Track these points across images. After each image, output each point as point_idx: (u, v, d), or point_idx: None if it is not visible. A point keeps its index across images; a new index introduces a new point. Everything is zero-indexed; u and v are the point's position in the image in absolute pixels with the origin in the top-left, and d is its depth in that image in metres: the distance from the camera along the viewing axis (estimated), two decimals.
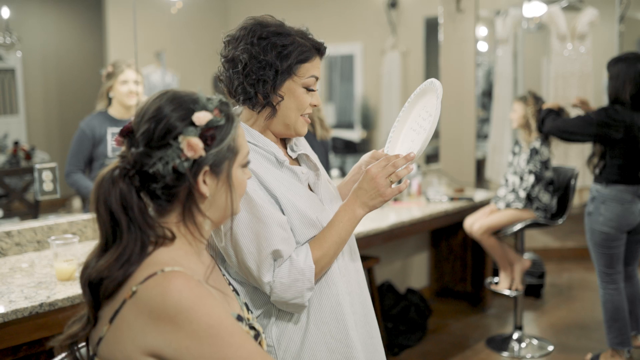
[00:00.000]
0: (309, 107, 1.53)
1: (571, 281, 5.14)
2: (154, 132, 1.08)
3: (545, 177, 3.74)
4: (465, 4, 4.79)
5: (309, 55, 1.49)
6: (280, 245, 1.42)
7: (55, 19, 4.57)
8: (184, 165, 1.08)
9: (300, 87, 1.49)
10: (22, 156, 4.59)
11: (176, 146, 1.08)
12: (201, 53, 5.00)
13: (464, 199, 4.20)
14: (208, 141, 1.09)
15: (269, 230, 1.41)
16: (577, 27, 5.67)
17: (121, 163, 1.10)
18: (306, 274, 1.43)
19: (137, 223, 1.07)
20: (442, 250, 4.67)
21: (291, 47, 1.46)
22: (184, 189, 1.10)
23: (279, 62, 1.45)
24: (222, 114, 1.12)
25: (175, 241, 1.11)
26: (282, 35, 1.47)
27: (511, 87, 5.67)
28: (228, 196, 1.15)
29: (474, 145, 5.00)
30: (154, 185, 1.09)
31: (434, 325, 4.15)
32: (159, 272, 1.03)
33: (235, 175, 1.16)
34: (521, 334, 3.84)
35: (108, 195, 1.07)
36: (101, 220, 1.08)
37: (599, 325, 4.09)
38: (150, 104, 1.12)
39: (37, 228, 2.59)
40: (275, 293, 1.43)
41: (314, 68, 1.51)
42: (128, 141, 1.11)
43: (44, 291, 2.05)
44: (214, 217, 1.16)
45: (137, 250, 1.06)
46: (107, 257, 1.06)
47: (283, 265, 1.43)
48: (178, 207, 1.12)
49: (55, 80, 4.56)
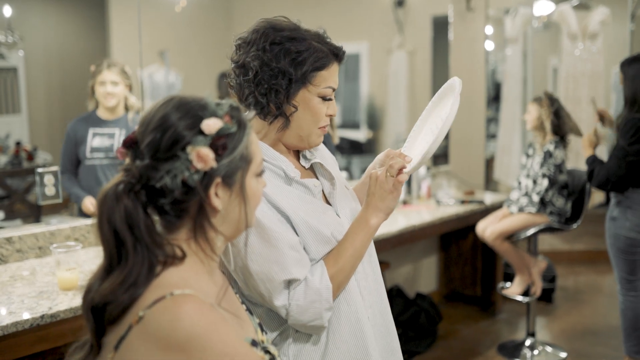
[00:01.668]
0: (325, 119, 1.43)
1: (582, 285, 5.05)
2: (160, 142, 0.99)
3: (560, 181, 3.64)
4: (475, 3, 4.71)
5: (325, 62, 1.37)
6: (294, 268, 1.34)
7: (58, 17, 4.51)
8: (194, 178, 0.99)
9: (315, 97, 1.39)
10: (24, 157, 4.52)
11: (185, 158, 0.98)
12: (205, 52, 4.93)
13: (475, 202, 4.11)
14: (219, 151, 1.00)
15: (281, 254, 1.32)
16: (588, 26, 5.57)
17: (125, 177, 1.00)
18: (323, 294, 1.35)
19: (144, 242, 0.98)
20: (451, 254, 4.59)
21: (306, 54, 1.35)
22: (194, 203, 1.01)
23: (292, 69, 1.34)
24: (233, 120, 1.03)
25: (185, 260, 1.02)
26: (297, 40, 1.36)
27: (520, 87, 5.57)
28: (242, 208, 1.06)
29: (484, 146, 4.92)
30: (162, 201, 1.00)
31: (444, 330, 4.06)
32: (167, 295, 0.94)
33: (250, 185, 1.06)
34: (534, 340, 3.75)
35: (112, 212, 0.97)
36: (105, 239, 0.98)
37: (613, 331, 4.01)
38: (155, 112, 1.02)
39: (38, 234, 2.51)
40: (292, 316, 1.35)
41: (331, 76, 1.39)
42: (132, 153, 1.02)
43: (46, 301, 1.97)
44: (227, 232, 1.07)
45: (144, 271, 0.97)
46: (111, 279, 0.97)
47: (299, 287, 1.34)
48: (188, 222, 1.03)
49: (58, 80, 4.50)
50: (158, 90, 4.85)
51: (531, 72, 5.67)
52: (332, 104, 1.43)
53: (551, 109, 3.64)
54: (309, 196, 1.44)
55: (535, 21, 5.59)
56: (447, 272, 4.62)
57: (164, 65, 4.79)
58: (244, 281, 1.36)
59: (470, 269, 4.49)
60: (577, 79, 5.62)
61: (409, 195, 4.17)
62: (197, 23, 4.92)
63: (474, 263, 4.47)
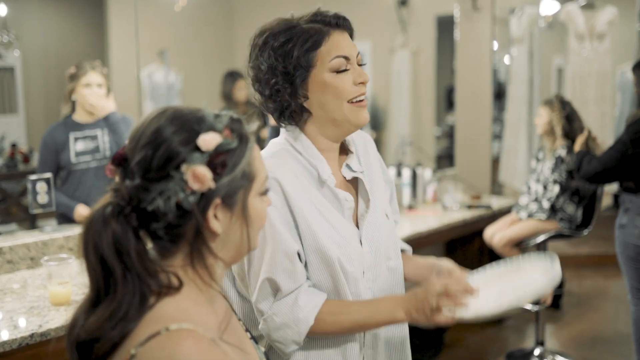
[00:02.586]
0: (352, 90, 1.28)
1: (589, 290, 4.95)
2: (151, 160, 0.88)
3: (571, 187, 3.53)
4: (481, 2, 4.61)
5: (318, 38, 1.26)
6: (279, 276, 1.23)
7: (56, 17, 4.42)
8: (190, 200, 0.88)
9: (327, 73, 1.26)
10: (20, 159, 4.42)
11: (179, 177, 0.87)
12: (205, 52, 4.85)
13: (482, 206, 4.01)
14: (218, 169, 0.89)
15: (272, 256, 1.23)
16: (595, 26, 5.47)
17: (114, 198, 0.89)
18: (300, 326, 1.24)
19: (135, 271, 0.86)
20: (457, 259, 4.46)
21: (292, 41, 1.25)
22: (190, 227, 0.90)
23: (286, 62, 1.25)
24: (234, 134, 0.92)
25: (183, 288, 0.91)
26: (283, 32, 1.27)
27: (526, 87, 5.47)
28: (244, 231, 0.95)
29: (490, 149, 4.82)
30: (154, 225, 0.89)
31: (450, 338, 3.96)
32: (163, 330, 0.83)
33: (253, 205, 0.95)
34: (543, 349, 3.65)
35: (99, 238, 0.86)
36: (91, 268, 0.87)
37: (622, 339, 3.91)
38: (147, 125, 0.91)
39: (30, 244, 2.40)
40: (265, 326, 1.27)
41: (334, 47, 1.27)
42: (121, 171, 0.90)
43: (36, 318, 1.86)
44: (227, 256, 0.96)
45: (135, 304, 0.86)
46: (98, 313, 0.86)
47: (284, 301, 1.25)
48: (185, 247, 0.91)
49: (55, 80, 4.42)
50: (158, 90, 4.76)
51: (537, 72, 5.57)
52: (356, 71, 1.29)
53: (562, 112, 3.53)
54: (335, 209, 1.31)
55: (541, 21, 5.49)
56: None
57: (164, 64, 4.70)
58: (238, 270, 1.30)
59: None
60: (584, 79, 5.52)
61: (414, 199, 4.07)
62: (197, 22, 4.84)
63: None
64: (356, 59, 1.30)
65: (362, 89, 1.29)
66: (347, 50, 1.28)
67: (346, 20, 1.31)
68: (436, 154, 5.22)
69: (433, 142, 5.24)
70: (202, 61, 4.85)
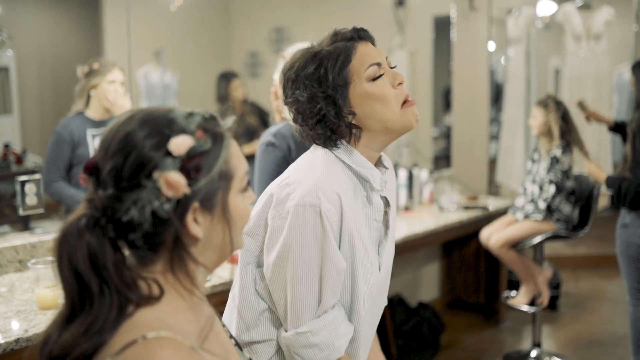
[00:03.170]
0: (395, 92, 1.28)
1: (586, 290, 4.92)
2: (122, 168, 0.84)
3: (567, 188, 3.50)
4: (478, 3, 4.58)
5: (346, 55, 1.27)
6: (326, 291, 1.24)
7: (50, 17, 4.39)
8: (165, 207, 0.84)
9: (365, 84, 1.26)
10: (13, 160, 4.38)
11: (152, 185, 0.83)
12: (201, 52, 4.82)
13: (479, 207, 3.98)
14: (192, 174, 0.85)
15: (327, 271, 1.23)
16: (592, 27, 5.45)
17: (88, 209, 0.85)
18: (332, 353, 1.26)
19: (114, 284, 0.83)
20: (454, 261, 4.46)
21: (324, 63, 1.26)
22: (170, 234, 0.86)
23: (322, 87, 1.25)
24: (207, 135, 0.88)
25: (163, 296, 0.88)
26: (310, 60, 1.27)
27: (524, 88, 5.45)
28: (226, 232, 0.91)
29: (487, 150, 4.80)
30: (132, 235, 0.85)
31: (447, 340, 3.93)
32: (139, 339, 0.80)
33: (234, 205, 0.92)
34: (540, 351, 3.62)
35: (73, 252, 0.82)
36: (66, 283, 0.83)
37: (619, 340, 3.89)
38: (116, 131, 0.87)
39: (19, 247, 2.37)
40: (294, 339, 1.25)
41: (364, 58, 1.27)
42: (94, 181, 0.87)
43: (22, 323, 1.83)
44: (209, 261, 0.93)
45: (112, 317, 0.82)
46: (73, 329, 0.82)
47: (324, 320, 1.25)
48: (165, 254, 0.88)
49: (50, 80, 4.39)
50: (154, 90, 4.73)
51: (534, 73, 5.55)
52: (390, 74, 1.29)
53: (558, 113, 3.50)
54: (368, 229, 1.32)
55: (538, 21, 5.47)
56: (449, 279, 4.49)
57: (160, 64, 4.66)
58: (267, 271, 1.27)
59: (474, 276, 4.36)
60: (581, 80, 5.50)
61: (410, 200, 4.04)
62: (193, 22, 4.81)
63: (477, 270, 4.34)
64: (386, 62, 1.31)
65: (403, 90, 1.30)
66: (377, 57, 1.29)
67: (365, 31, 1.32)
68: (434, 155, 5.19)
69: (430, 143, 5.21)
70: (199, 61, 4.82)
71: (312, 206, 1.19)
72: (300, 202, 1.20)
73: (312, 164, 1.28)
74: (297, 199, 1.20)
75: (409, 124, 1.29)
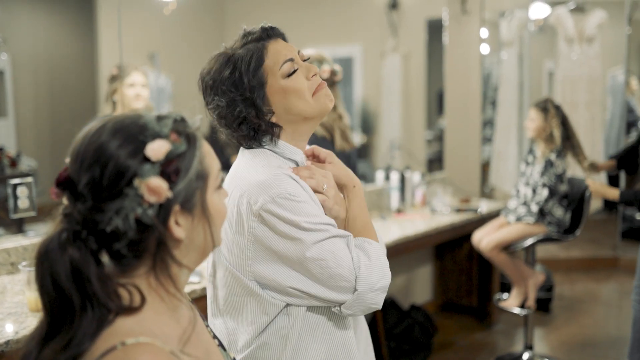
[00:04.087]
0: (309, 83, 1.32)
1: (579, 293, 4.94)
2: (101, 179, 0.84)
3: (560, 192, 3.52)
4: (470, 6, 4.60)
5: (258, 57, 1.30)
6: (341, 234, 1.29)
7: (45, 20, 4.39)
8: (149, 213, 0.84)
9: (281, 81, 1.30)
10: (7, 163, 4.38)
11: (134, 193, 0.84)
12: (196, 55, 4.82)
13: (471, 210, 4.00)
14: (172, 177, 0.86)
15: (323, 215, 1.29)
16: (585, 30, 5.48)
17: (67, 224, 0.85)
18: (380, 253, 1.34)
19: (97, 298, 0.82)
20: (446, 263, 4.47)
21: (238, 67, 1.29)
22: (153, 239, 0.87)
23: (241, 90, 1.29)
24: (181, 137, 0.88)
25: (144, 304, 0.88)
26: (223, 65, 1.30)
27: (517, 91, 5.47)
28: (207, 231, 0.93)
29: (480, 153, 4.81)
30: (116, 245, 0.85)
31: (439, 343, 3.94)
32: (119, 345, 0.80)
33: (212, 203, 0.93)
34: (532, 353, 3.64)
35: (55, 267, 0.82)
36: (48, 300, 0.83)
37: (612, 342, 3.90)
38: (88, 143, 0.86)
39: (10, 249, 2.37)
40: (361, 279, 1.26)
41: (277, 56, 1.30)
42: (69, 194, 0.86)
43: (13, 325, 1.83)
44: (191, 261, 0.94)
45: (91, 330, 0.82)
46: (54, 345, 0.82)
47: (356, 249, 1.29)
48: (148, 260, 0.88)
49: (46, 83, 4.40)
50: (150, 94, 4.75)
51: (527, 76, 5.57)
52: (304, 67, 1.33)
53: (558, 118, 3.51)
54: None
55: (531, 24, 5.49)
56: (442, 281, 4.50)
57: (154, 68, 4.67)
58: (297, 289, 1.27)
59: (466, 279, 4.38)
60: (574, 82, 5.53)
61: (402, 203, 4.05)
62: (187, 26, 4.82)
63: (469, 272, 4.35)
64: (299, 57, 1.33)
65: (317, 80, 1.33)
66: (289, 53, 1.32)
67: (274, 29, 1.35)
68: (427, 158, 5.21)
69: (424, 145, 5.23)
70: (193, 65, 4.80)
71: (278, 196, 1.23)
72: (267, 199, 1.23)
73: (251, 167, 1.31)
74: (260, 201, 1.23)
75: (324, 107, 1.33)
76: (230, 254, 1.29)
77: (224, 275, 1.32)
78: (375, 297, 1.28)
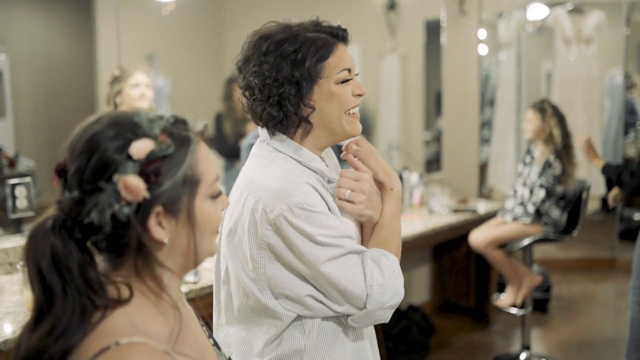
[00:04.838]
0: (351, 101, 1.31)
1: (577, 294, 4.95)
2: (84, 170, 0.85)
3: (557, 193, 3.53)
4: (468, 7, 4.61)
5: (327, 49, 1.27)
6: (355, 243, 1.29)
7: (43, 21, 4.40)
8: (125, 211, 0.84)
9: (332, 85, 1.28)
10: (6, 163, 4.38)
11: (112, 188, 0.84)
12: (194, 56, 4.83)
13: (468, 210, 4.01)
14: (151, 178, 0.85)
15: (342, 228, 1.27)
16: (582, 31, 5.49)
17: (56, 211, 0.86)
18: (396, 268, 1.33)
19: (76, 286, 0.83)
20: (444, 263, 4.48)
21: (304, 49, 1.25)
22: (133, 237, 0.87)
23: (295, 72, 1.24)
24: (171, 139, 0.88)
25: (133, 299, 0.88)
26: (289, 39, 1.26)
27: (514, 92, 5.48)
28: (191, 237, 0.91)
29: (477, 153, 4.82)
30: (94, 238, 0.86)
31: (437, 343, 3.95)
32: (112, 345, 0.81)
33: (201, 210, 0.91)
34: (529, 354, 3.65)
35: (38, 253, 0.83)
36: (32, 284, 0.85)
37: (609, 343, 3.91)
38: (83, 132, 0.87)
39: (9, 249, 2.38)
40: (373, 299, 1.25)
41: (340, 59, 1.28)
42: (62, 182, 0.87)
43: (11, 324, 1.84)
44: (175, 265, 0.93)
45: (75, 319, 0.82)
46: (39, 329, 0.83)
47: (371, 265, 1.27)
48: (131, 258, 0.89)
49: (44, 84, 4.40)
50: None
51: (525, 76, 5.58)
52: (356, 83, 1.32)
53: (557, 119, 3.52)
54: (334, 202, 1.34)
55: (529, 25, 5.51)
56: (440, 282, 4.51)
57: (153, 69, 4.68)
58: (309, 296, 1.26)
59: (464, 279, 4.38)
60: (571, 83, 5.54)
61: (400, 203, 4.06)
62: (185, 26, 4.82)
63: (467, 273, 4.36)
64: (353, 70, 1.32)
65: (358, 100, 1.32)
66: (350, 63, 1.30)
67: (347, 33, 1.33)
68: (426, 159, 5.21)
69: (422, 146, 5.24)
70: (191, 65, 4.83)
71: (295, 205, 1.20)
72: (284, 208, 1.20)
73: (268, 172, 1.27)
74: (277, 209, 1.20)
75: (352, 132, 1.32)
76: (242, 261, 1.27)
77: (237, 284, 1.30)
78: (384, 314, 1.28)
